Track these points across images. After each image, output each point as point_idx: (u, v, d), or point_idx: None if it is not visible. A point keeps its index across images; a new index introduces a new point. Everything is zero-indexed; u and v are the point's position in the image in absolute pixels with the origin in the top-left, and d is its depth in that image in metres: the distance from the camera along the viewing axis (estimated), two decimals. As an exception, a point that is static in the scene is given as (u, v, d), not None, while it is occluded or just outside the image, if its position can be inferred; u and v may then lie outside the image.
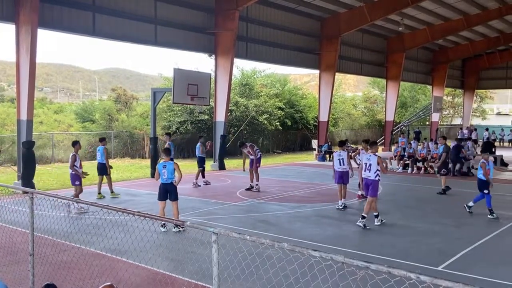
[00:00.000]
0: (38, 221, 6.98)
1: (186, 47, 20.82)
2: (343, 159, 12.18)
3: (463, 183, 17.26)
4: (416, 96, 47.89)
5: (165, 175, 9.60)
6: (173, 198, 9.66)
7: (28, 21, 14.31)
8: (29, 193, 5.58)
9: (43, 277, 6.27)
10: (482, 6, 27.54)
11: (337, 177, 12.24)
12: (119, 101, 33.76)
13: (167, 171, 9.57)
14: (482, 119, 52.96)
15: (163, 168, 9.64)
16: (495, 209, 11.41)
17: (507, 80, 43.75)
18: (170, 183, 9.59)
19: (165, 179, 9.62)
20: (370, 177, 10.27)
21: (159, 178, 9.73)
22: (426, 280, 2.50)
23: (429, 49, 37.96)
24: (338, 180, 12.22)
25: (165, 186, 9.65)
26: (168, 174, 9.57)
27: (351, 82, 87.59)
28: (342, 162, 12.18)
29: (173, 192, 9.64)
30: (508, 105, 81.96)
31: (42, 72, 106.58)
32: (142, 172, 20.16)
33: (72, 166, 11.90)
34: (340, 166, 12.18)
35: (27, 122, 14.72)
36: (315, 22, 26.66)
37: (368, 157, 10.38)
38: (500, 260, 8.05)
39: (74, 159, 11.91)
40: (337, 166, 12.25)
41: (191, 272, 6.91)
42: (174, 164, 9.66)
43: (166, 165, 9.62)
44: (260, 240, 3.31)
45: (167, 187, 9.64)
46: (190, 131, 28.89)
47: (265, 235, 9.26)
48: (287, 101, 34.52)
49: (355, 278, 4.01)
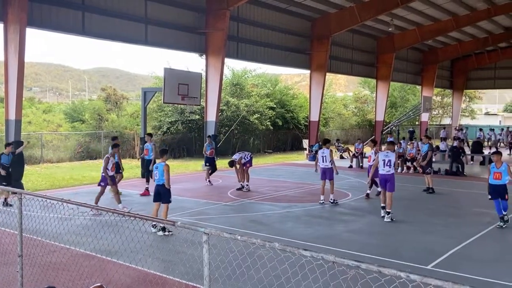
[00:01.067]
0: (27, 222, 6.91)
1: (177, 46, 20.75)
2: (325, 156, 12.80)
3: (455, 183, 17.45)
4: (405, 96, 48.22)
5: (156, 176, 9.58)
6: (163, 201, 9.59)
7: (17, 20, 14.16)
8: (18, 194, 5.52)
9: (32, 279, 6.21)
10: (471, 7, 27.81)
11: (321, 173, 12.94)
12: (109, 100, 33.54)
13: (158, 172, 9.52)
14: (471, 119, 53.50)
15: (155, 169, 9.63)
16: (485, 208, 11.54)
17: (495, 81, 44.24)
18: (161, 184, 9.52)
19: (157, 180, 9.59)
20: (389, 172, 10.90)
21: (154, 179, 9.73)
22: (416, 279, 2.51)
23: (419, 49, 38.25)
24: (322, 176, 12.90)
25: (157, 188, 9.63)
26: (159, 175, 9.51)
27: (341, 82, 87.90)
28: (325, 159, 12.80)
29: (163, 194, 9.55)
30: (496, 105, 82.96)
31: (31, 71, 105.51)
32: (132, 172, 20.04)
33: (104, 169, 11.64)
34: (323, 163, 12.83)
35: (16, 122, 14.56)
36: (305, 22, 26.72)
37: (386, 153, 11.07)
38: (488, 258, 8.14)
39: (107, 162, 11.67)
40: (320, 163, 12.94)
41: (182, 273, 6.89)
42: (165, 165, 9.53)
43: (158, 166, 9.56)
44: (251, 240, 3.31)
45: (158, 189, 9.60)
46: (181, 131, 28.79)
47: (256, 235, 9.26)
48: (278, 101, 34.55)
49: (345, 278, 4.03)
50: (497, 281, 6.84)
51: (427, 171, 15.03)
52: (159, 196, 9.62)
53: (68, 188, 15.98)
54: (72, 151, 26.29)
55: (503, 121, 60.19)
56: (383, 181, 11.08)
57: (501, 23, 32.21)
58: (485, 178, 18.81)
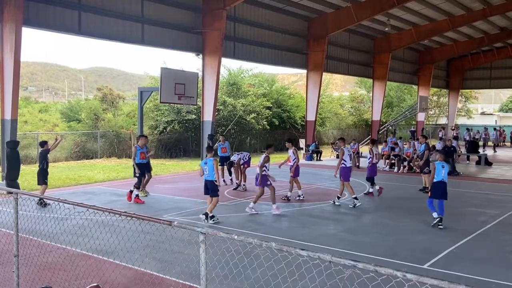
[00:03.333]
0: (23, 221, 6.89)
1: (174, 46, 20.72)
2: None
3: (450, 182, 17.47)
4: (402, 96, 48.33)
5: (206, 171, 10.32)
6: (212, 195, 10.43)
7: (13, 19, 14.09)
8: (14, 194, 5.51)
9: (28, 279, 6.19)
10: (466, 7, 27.90)
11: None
12: (105, 100, 33.45)
13: (208, 168, 10.28)
14: (467, 118, 53.70)
15: (204, 165, 10.41)
16: (480, 207, 11.58)
17: (491, 81, 44.39)
18: (210, 180, 10.30)
19: (206, 176, 10.37)
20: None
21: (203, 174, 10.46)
22: (412, 278, 2.52)
23: (415, 49, 38.35)
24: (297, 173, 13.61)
25: (205, 183, 10.45)
26: (209, 171, 10.26)
27: (338, 82, 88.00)
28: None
29: (211, 189, 10.39)
30: (492, 105, 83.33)
31: (27, 71, 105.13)
32: (129, 172, 19.98)
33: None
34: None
35: (12, 122, 14.51)
36: (302, 22, 26.74)
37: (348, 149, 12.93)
38: (484, 257, 8.17)
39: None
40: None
41: (179, 272, 6.88)
42: (214, 160, 10.31)
43: (207, 162, 10.38)
44: (248, 240, 3.32)
45: (206, 184, 10.42)
46: (178, 130, 28.75)
47: (253, 234, 9.28)
48: (274, 100, 34.56)
49: (342, 277, 4.04)
50: (493, 280, 6.87)
51: (424, 171, 15.09)
52: (207, 190, 10.45)
53: (64, 188, 15.94)
54: (68, 151, 26.21)
55: (499, 120, 60.43)
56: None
57: (497, 23, 32.34)
58: (481, 177, 18.96)
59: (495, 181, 18.27)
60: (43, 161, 12.55)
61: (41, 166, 12.49)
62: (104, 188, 15.74)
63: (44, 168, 12.46)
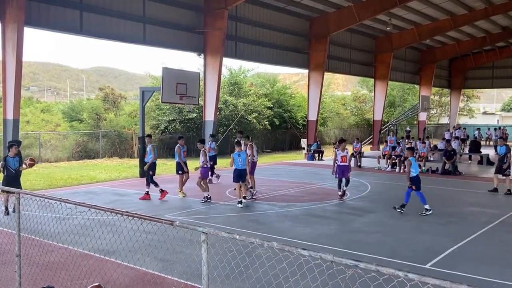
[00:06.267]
0: (25, 221, 6.90)
1: (175, 46, 20.73)
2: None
3: (452, 182, 17.47)
4: (404, 96, 48.24)
5: (240, 162, 12.28)
6: (243, 180, 12.43)
7: (14, 19, 14.12)
8: (16, 193, 5.51)
9: (30, 278, 6.20)
10: (468, 7, 27.85)
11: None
12: (107, 100, 33.45)
13: (241, 159, 12.33)
14: (469, 118, 53.61)
15: (238, 157, 12.32)
16: (482, 207, 11.56)
17: (493, 80, 44.31)
18: (244, 168, 12.34)
19: (240, 165, 12.27)
20: None
21: (234, 164, 12.33)
22: (414, 278, 2.52)
23: (417, 49, 38.29)
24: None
25: (240, 171, 12.28)
26: (242, 161, 12.32)
27: (340, 82, 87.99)
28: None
29: (243, 175, 12.39)
30: (493, 105, 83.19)
31: (29, 71, 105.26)
32: (131, 172, 20.02)
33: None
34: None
35: (14, 122, 14.54)
36: (304, 21, 26.73)
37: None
38: (486, 257, 8.16)
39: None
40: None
41: (180, 272, 6.89)
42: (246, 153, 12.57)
43: (240, 154, 12.38)
44: (250, 240, 3.31)
45: (241, 172, 12.28)
46: (179, 130, 28.75)
47: (255, 234, 9.27)
48: (276, 100, 34.54)
49: (344, 277, 4.03)
50: (495, 280, 6.86)
51: (506, 173, 14.90)
52: (240, 177, 12.27)
53: (66, 188, 15.96)
54: (70, 151, 26.23)
55: (501, 120, 60.34)
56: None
57: (499, 23, 32.27)
58: (483, 177, 18.91)
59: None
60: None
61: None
62: (105, 188, 15.75)
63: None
